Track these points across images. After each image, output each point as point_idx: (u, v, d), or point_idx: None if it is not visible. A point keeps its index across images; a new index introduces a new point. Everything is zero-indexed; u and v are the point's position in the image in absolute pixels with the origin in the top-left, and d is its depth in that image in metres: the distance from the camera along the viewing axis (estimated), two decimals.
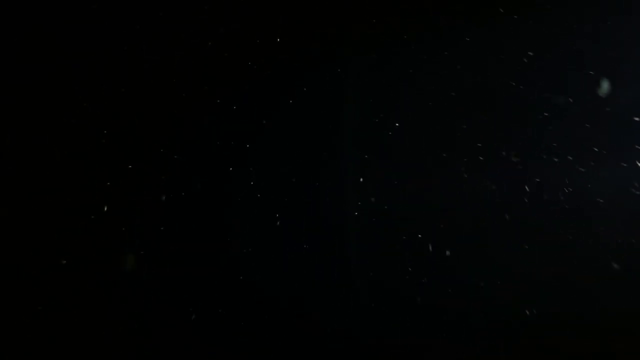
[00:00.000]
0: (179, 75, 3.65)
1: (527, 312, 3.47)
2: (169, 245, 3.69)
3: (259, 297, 3.64)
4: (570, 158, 3.52)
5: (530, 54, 3.58)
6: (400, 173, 3.65)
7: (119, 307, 3.64)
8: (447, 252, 3.53)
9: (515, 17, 3.56)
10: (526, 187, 3.51)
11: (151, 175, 3.69)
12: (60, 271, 3.57)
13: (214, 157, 3.71)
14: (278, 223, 3.68)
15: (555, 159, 3.52)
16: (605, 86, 3.50)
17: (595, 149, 3.48)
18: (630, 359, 3.33)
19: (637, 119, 3.45)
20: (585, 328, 3.34)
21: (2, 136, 3.60)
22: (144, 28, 3.51)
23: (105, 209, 3.61)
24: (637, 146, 3.42)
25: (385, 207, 3.62)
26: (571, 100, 3.54)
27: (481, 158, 3.62)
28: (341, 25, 3.68)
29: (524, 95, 3.59)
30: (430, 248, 3.54)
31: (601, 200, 3.39)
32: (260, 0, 3.64)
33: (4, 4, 3.40)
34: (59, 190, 3.63)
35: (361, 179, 3.68)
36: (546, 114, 3.55)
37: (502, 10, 3.56)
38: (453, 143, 3.63)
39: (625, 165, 3.43)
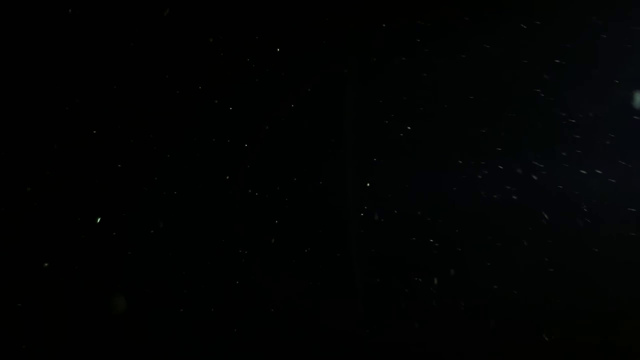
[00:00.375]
0: (175, 73, 3.56)
1: (546, 338, 3.17)
2: (165, 246, 3.54)
3: (258, 300, 3.47)
4: (600, 172, 3.26)
5: (557, 61, 3.40)
6: (411, 177, 3.45)
7: (111, 307, 3.49)
8: (454, 266, 3.31)
9: (538, 23, 3.42)
10: (549, 197, 3.26)
11: (144, 175, 3.57)
12: (44, 274, 3.46)
13: (212, 157, 3.59)
14: (278, 224, 3.51)
15: (583, 171, 3.28)
16: (638, 97, 3.29)
17: (622, 162, 3.23)
18: None
19: None
20: (604, 337, 3.06)
21: None
22: (141, 26, 3.49)
23: (95, 207, 3.51)
24: None
25: (395, 211, 3.41)
26: (592, 113, 3.32)
27: (501, 167, 3.39)
28: (351, 25, 3.57)
29: (547, 102, 3.39)
30: (440, 253, 3.32)
31: (633, 210, 3.11)
32: None
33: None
34: (47, 190, 3.53)
35: (368, 184, 3.50)
36: (573, 121, 3.34)
37: (524, 27, 3.42)
38: (470, 148, 3.42)
39: None
